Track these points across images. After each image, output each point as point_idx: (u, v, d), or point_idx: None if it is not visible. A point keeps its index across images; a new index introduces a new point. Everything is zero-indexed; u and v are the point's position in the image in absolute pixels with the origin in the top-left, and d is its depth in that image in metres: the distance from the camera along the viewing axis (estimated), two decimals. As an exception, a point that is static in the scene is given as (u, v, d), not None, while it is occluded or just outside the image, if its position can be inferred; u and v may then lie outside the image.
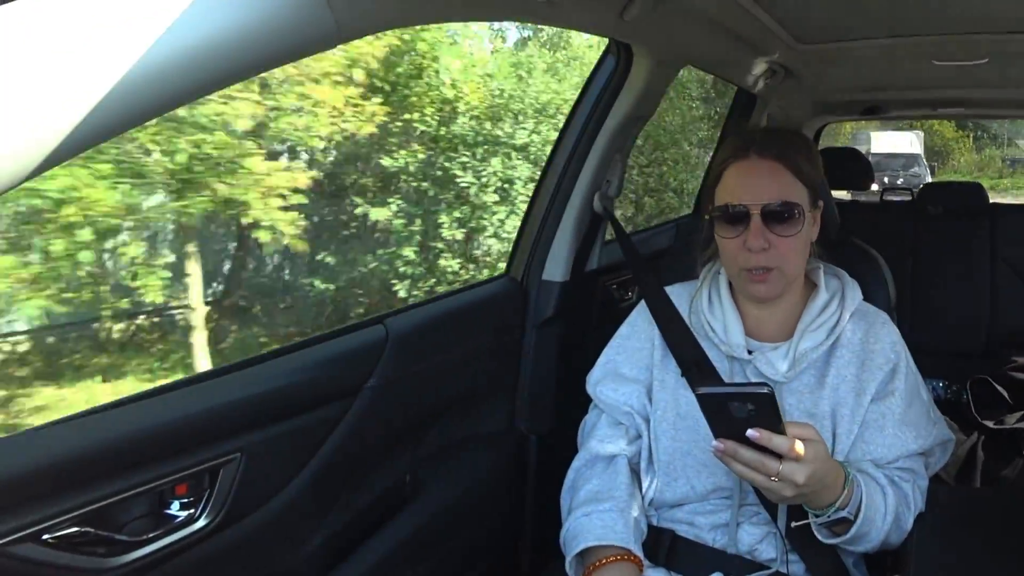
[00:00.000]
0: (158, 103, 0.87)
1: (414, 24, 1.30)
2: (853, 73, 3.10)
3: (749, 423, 1.29)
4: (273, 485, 1.44)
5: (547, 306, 2.16)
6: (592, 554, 1.55)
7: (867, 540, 1.47)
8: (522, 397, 2.16)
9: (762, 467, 1.30)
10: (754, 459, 1.31)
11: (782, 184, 1.53)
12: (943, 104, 4.12)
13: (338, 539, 1.59)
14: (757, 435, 1.29)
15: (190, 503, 1.29)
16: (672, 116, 9.95)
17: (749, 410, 1.28)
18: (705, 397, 1.32)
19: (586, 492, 1.64)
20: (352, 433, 1.57)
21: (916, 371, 1.63)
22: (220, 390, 1.37)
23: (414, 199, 7.83)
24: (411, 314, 1.81)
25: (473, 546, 1.96)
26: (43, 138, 0.77)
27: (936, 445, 1.63)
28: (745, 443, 1.30)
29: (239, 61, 0.93)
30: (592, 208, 2.18)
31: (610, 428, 1.72)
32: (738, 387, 1.45)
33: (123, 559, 1.18)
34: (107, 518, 1.17)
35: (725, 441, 1.32)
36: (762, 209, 1.51)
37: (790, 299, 1.63)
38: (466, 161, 7.95)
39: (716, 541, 1.58)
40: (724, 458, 1.34)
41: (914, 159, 21.18)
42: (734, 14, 1.98)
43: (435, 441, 1.88)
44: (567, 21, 1.68)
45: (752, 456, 1.31)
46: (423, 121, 7.73)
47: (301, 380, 1.50)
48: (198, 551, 1.30)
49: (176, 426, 1.27)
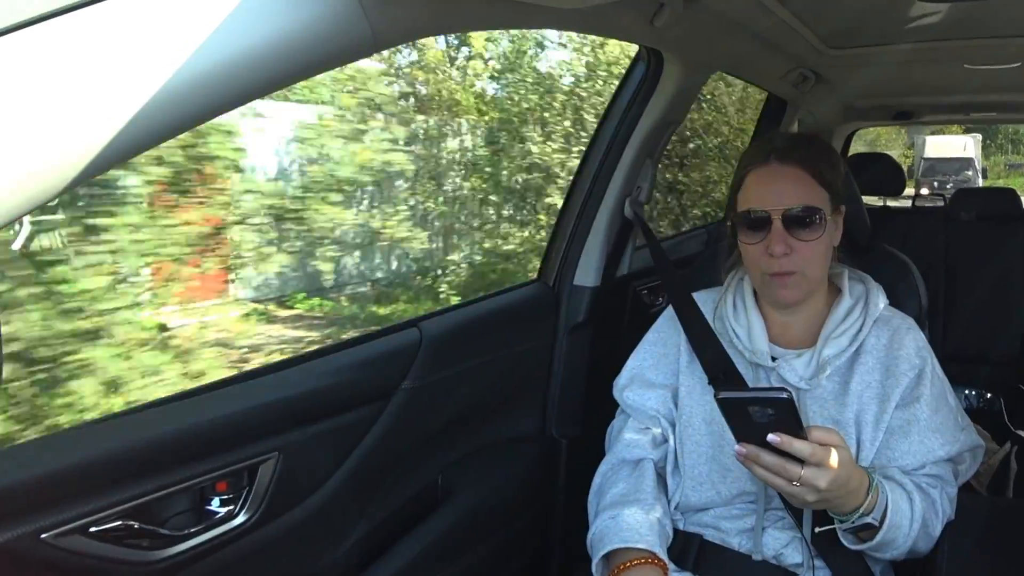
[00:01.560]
0: (201, 111, 0.90)
1: (448, 32, 1.33)
2: (884, 78, 3.08)
3: (770, 428, 1.29)
4: (310, 484, 1.46)
5: (578, 311, 2.17)
6: (618, 557, 1.55)
7: (894, 547, 1.45)
8: (553, 401, 2.17)
9: (783, 471, 1.31)
10: (775, 463, 1.31)
11: (803, 189, 1.54)
12: (975, 108, 4.08)
13: (372, 538, 1.62)
14: (778, 440, 1.29)
15: (230, 500, 1.32)
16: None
17: (769, 415, 1.28)
18: (725, 402, 1.32)
19: (612, 496, 1.64)
20: (386, 434, 1.60)
21: (943, 377, 1.62)
22: (259, 391, 1.40)
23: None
24: (444, 318, 1.83)
25: (504, 548, 1.98)
26: (89, 146, 0.80)
27: (965, 451, 1.61)
28: (767, 447, 1.31)
29: (279, 69, 0.96)
30: (623, 214, 2.19)
31: (636, 433, 1.73)
32: (758, 392, 1.45)
33: (165, 552, 1.21)
34: (151, 513, 1.20)
35: (747, 445, 1.33)
36: (783, 214, 1.52)
37: (814, 305, 1.63)
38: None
39: (742, 546, 1.58)
40: (746, 462, 1.34)
41: (967, 163, 21.27)
42: (764, 20, 1.98)
43: (467, 443, 1.89)
44: (598, 28, 1.70)
45: (773, 460, 1.31)
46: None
47: (337, 382, 1.52)
48: (237, 547, 1.33)
49: (217, 425, 1.30)
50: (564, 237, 2.19)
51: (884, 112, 4.12)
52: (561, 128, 7.45)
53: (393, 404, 1.61)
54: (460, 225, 7.86)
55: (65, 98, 0.78)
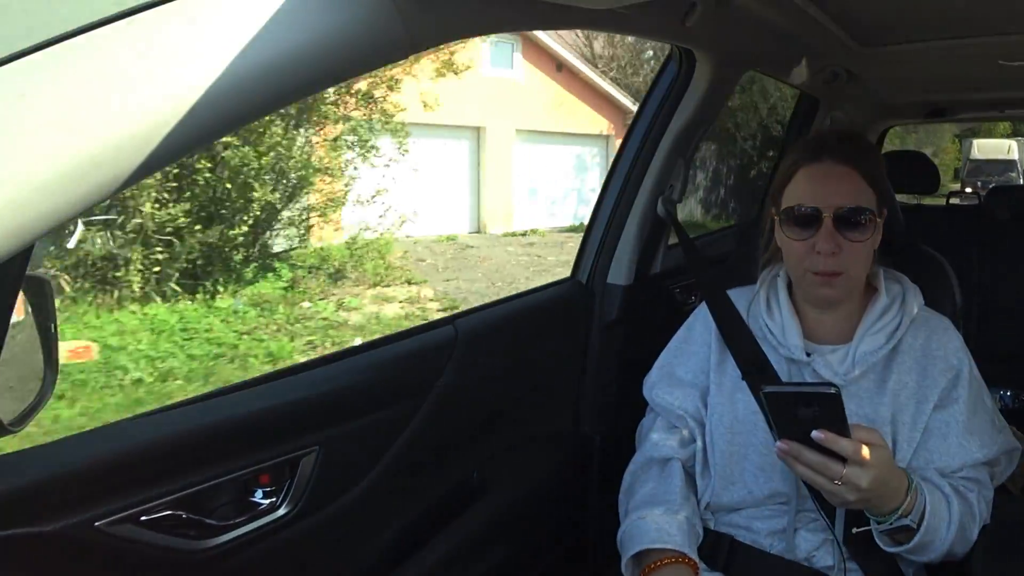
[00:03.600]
0: (238, 115, 0.91)
1: (482, 33, 1.34)
2: (917, 75, 3.06)
3: (814, 424, 1.28)
4: (349, 477, 1.49)
5: (611, 309, 2.19)
6: (647, 556, 1.56)
7: (930, 550, 1.44)
8: (585, 398, 2.18)
9: (826, 470, 1.31)
10: (818, 461, 1.31)
11: (856, 189, 1.53)
12: (1010, 105, 4.03)
13: (409, 531, 1.64)
14: (823, 436, 1.29)
15: (272, 492, 1.35)
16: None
17: (814, 411, 1.27)
18: (771, 396, 1.31)
19: (642, 495, 1.66)
20: (423, 430, 1.62)
21: (980, 378, 1.60)
22: (300, 385, 1.43)
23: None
24: (480, 315, 1.86)
25: (537, 543, 1.99)
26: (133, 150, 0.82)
27: (1002, 454, 1.59)
28: (808, 444, 1.30)
29: (314, 72, 0.97)
30: (656, 212, 2.20)
31: (665, 431, 1.74)
32: (804, 386, 1.44)
33: (212, 542, 1.24)
34: (198, 503, 1.23)
35: (789, 442, 1.32)
36: (834, 213, 1.50)
37: (850, 303, 1.62)
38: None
39: (773, 547, 1.58)
40: (787, 459, 1.34)
41: (1010, 164, 22.76)
42: (796, 18, 1.98)
43: (501, 440, 1.91)
44: (630, 28, 1.71)
45: (816, 458, 1.31)
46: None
47: (376, 378, 1.55)
48: (279, 538, 1.35)
49: (260, 419, 1.33)
50: (597, 235, 2.21)
51: (917, 109, 4.08)
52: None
53: (430, 400, 1.63)
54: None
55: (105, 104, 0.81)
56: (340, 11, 0.97)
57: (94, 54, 0.80)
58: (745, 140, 18.34)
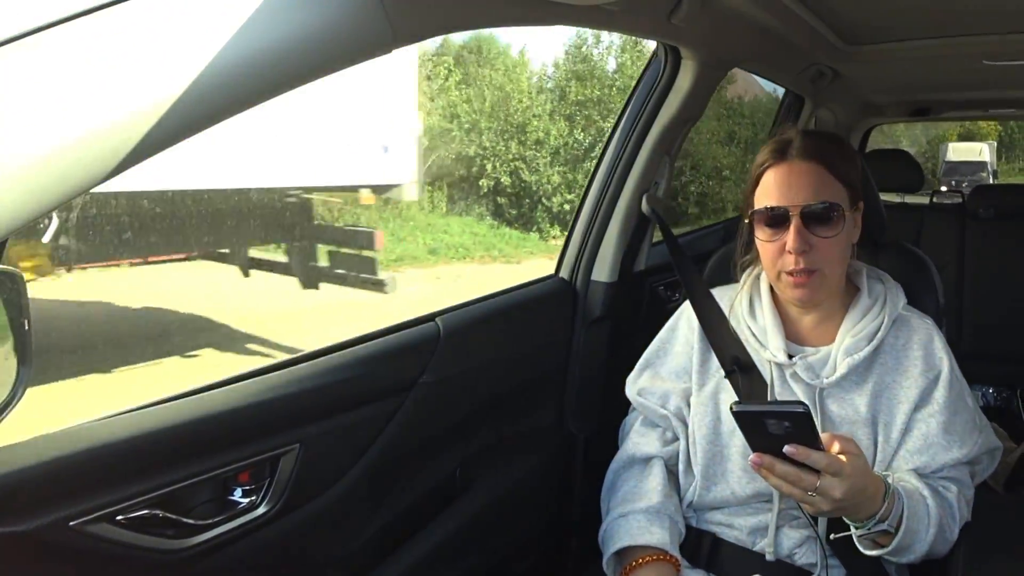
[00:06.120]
0: (222, 108, 0.91)
1: (467, 29, 1.33)
2: (902, 74, 3.07)
3: (786, 439, 1.30)
4: (330, 475, 1.48)
5: (595, 306, 2.18)
6: (629, 554, 1.57)
7: (910, 552, 1.45)
8: (570, 396, 2.18)
9: (799, 482, 1.31)
10: (791, 473, 1.32)
11: (822, 185, 1.53)
12: (994, 104, 4.06)
13: (391, 529, 1.63)
14: (795, 451, 1.30)
15: (252, 490, 1.34)
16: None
17: (785, 427, 1.29)
18: (741, 415, 1.33)
19: (623, 493, 1.66)
20: (405, 428, 1.61)
21: (961, 378, 1.60)
22: (281, 383, 1.42)
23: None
24: (463, 312, 1.84)
25: (520, 541, 1.99)
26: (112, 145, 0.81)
27: (983, 453, 1.60)
28: (782, 458, 1.31)
29: (298, 66, 0.97)
30: (640, 210, 2.20)
31: (647, 430, 1.75)
32: (774, 405, 1.46)
33: (190, 541, 1.23)
34: (176, 502, 1.22)
35: (762, 456, 1.33)
36: (802, 210, 1.51)
37: (831, 303, 1.62)
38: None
39: (755, 544, 1.59)
40: (761, 472, 1.35)
41: (981, 166, 24.47)
42: (781, 16, 1.98)
43: (485, 437, 1.90)
44: (616, 25, 1.71)
45: (789, 470, 1.32)
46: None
47: (357, 375, 1.54)
48: (259, 536, 1.34)
49: (240, 416, 1.32)
50: (582, 232, 2.20)
51: (902, 108, 4.10)
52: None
53: (412, 398, 1.62)
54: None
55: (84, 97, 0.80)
56: (324, 6, 0.97)
57: (74, 47, 0.79)
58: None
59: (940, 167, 25.09)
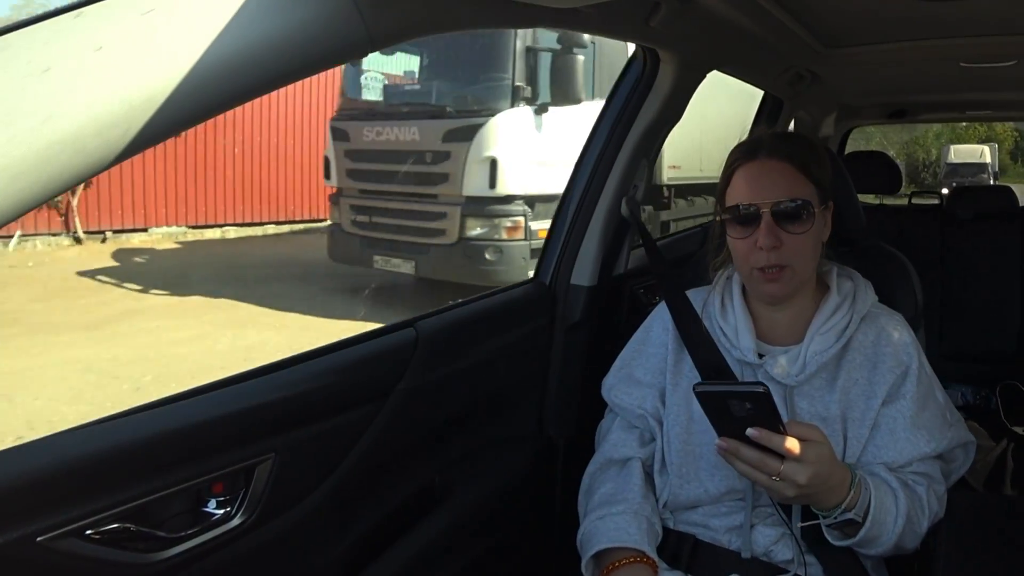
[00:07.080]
0: (196, 112, 0.89)
1: (443, 31, 1.32)
2: (880, 77, 3.09)
3: (748, 422, 1.32)
4: (306, 485, 1.46)
5: (575, 310, 2.17)
6: (607, 556, 1.57)
7: (878, 543, 1.47)
8: (549, 400, 2.17)
9: (763, 466, 1.33)
10: (755, 458, 1.34)
11: (791, 183, 1.55)
12: (971, 107, 4.09)
13: (369, 539, 1.61)
14: (756, 434, 1.32)
15: (226, 501, 1.31)
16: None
17: (748, 408, 1.31)
18: (704, 395, 1.36)
19: (600, 495, 1.66)
20: (383, 435, 1.59)
21: (931, 373, 1.63)
22: (255, 391, 1.39)
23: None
24: (441, 317, 1.83)
25: (501, 548, 1.97)
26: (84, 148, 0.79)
27: (955, 448, 1.62)
28: (747, 442, 1.33)
29: (274, 69, 0.96)
30: (619, 213, 2.19)
31: (624, 432, 1.75)
32: (734, 385, 1.49)
33: (162, 555, 1.20)
34: (147, 515, 1.19)
35: (728, 440, 1.36)
36: (772, 207, 1.53)
37: (801, 301, 1.64)
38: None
39: (731, 543, 1.59)
40: (727, 456, 1.37)
41: (982, 167, 25.25)
42: (760, 19, 1.98)
43: (464, 443, 1.89)
44: (594, 27, 1.70)
45: (753, 455, 1.34)
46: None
47: (333, 382, 1.52)
48: (234, 548, 1.32)
49: (213, 426, 1.29)
50: (560, 236, 2.19)
51: (880, 110, 4.14)
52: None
53: (390, 404, 1.61)
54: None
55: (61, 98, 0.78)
56: (300, 8, 0.97)
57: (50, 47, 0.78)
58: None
59: (941, 169, 25.87)
